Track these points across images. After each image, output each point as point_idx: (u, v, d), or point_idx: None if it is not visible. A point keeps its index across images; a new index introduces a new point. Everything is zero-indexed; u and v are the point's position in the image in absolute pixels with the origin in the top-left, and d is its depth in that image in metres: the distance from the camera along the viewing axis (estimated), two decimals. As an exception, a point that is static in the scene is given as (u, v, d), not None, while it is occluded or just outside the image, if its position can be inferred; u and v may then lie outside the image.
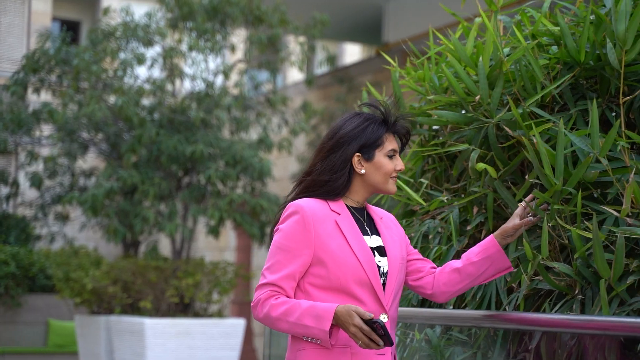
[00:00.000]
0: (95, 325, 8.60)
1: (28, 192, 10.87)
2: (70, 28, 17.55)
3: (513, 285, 2.70)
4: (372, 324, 2.24)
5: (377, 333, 2.23)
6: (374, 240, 2.45)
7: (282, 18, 8.75)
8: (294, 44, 9.58)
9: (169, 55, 8.61)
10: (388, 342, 2.25)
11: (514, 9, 3.12)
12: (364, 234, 2.43)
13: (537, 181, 2.60)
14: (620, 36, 2.30)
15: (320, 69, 11.47)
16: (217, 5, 8.50)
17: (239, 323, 8.38)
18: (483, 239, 2.88)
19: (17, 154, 11.39)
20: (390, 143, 2.47)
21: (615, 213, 2.31)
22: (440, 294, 2.51)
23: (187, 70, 9.07)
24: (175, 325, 8.06)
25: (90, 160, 10.37)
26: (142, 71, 9.37)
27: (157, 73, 9.35)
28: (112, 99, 8.84)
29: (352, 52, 18.39)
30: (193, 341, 8.10)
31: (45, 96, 9.87)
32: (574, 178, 2.35)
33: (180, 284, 8.19)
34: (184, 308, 8.46)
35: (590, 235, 2.37)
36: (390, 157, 2.46)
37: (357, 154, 2.43)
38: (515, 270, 2.61)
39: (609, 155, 2.49)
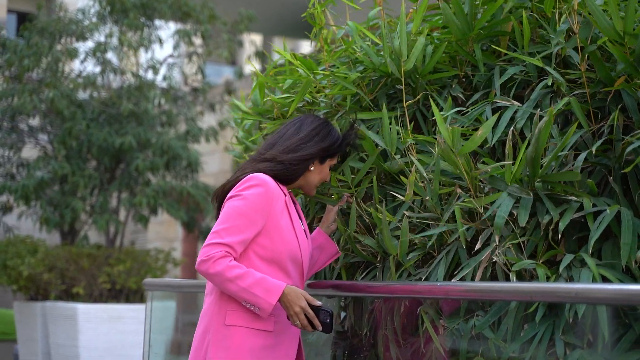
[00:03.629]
0: (32, 311, 8.79)
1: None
2: (25, 20, 17.68)
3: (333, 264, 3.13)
4: (319, 310, 2.47)
5: (319, 319, 2.46)
6: (302, 224, 2.75)
7: (211, 14, 9.13)
8: (248, 42, 9.95)
9: (98, 49, 8.90)
10: (328, 329, 2.47)
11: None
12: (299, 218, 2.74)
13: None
14: (397, 50, 2.72)
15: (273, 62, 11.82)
16: (147, 2, 8.84)
17: (170, 306, 8.67)
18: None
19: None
20: (336, 157, 2.81)
21: (402, 197, 2.72)
22: None
23: (118, 64, 9.35)
24: (107, 310, 8.31)
25: (34, 152, 10.59)
26: (76, 65, 9.63)
27: (90, 67, 9.62)
28: (46, 92, 9.11)
29: (308, 47, 18.73)
30: (124, 325, 8.34)
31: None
32: (365, 168, 2.80)
33: (112, 270, 8.49)
34: (116, 294, 8.76)
35: (391, 218, 2.81)
36: (329, 168, 2.79)
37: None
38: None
39: (417, 149, 2.91)
